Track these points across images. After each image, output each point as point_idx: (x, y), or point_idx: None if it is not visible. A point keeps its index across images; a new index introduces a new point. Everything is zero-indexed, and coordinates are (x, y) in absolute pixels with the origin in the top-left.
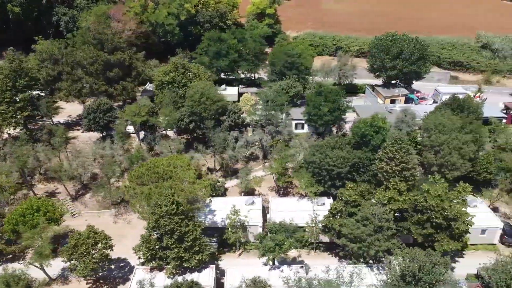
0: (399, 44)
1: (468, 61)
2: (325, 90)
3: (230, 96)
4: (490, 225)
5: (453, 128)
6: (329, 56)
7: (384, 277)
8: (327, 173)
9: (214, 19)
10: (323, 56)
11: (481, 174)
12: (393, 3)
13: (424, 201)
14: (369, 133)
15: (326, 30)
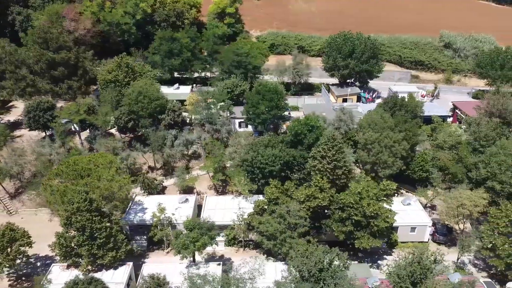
0: (351, 43)
1: (429, 61)
2: (263, 88)
3: (182, 95)
4: (420, 223)
5: (384, 126)
6: (291, 55)
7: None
8: (259, 171)
9: (170, 18)
10: (285, 55)
11: (416, 172)
12: (364, 2)
13: (344, 198)
14: (302, 131)
15: (292, 29)
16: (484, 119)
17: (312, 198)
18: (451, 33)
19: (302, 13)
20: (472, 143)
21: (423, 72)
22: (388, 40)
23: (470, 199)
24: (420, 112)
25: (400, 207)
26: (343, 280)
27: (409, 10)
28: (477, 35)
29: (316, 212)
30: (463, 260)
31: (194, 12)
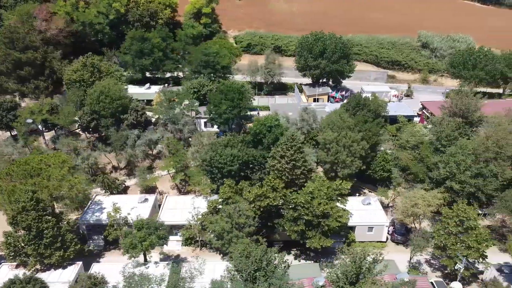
0: (322, 43)
1: (406, 61)
2: (225, 88)
3: (152, 95)
4: (377, 223)
5: (343, 126)
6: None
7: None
8: (218, 171)
9: (144, 18)
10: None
11: (377, 172)
12: (347, 3)
13: (296, 198)
14: (261, 131)
15: (271, 29)
16: (447, 119)
17: (263, 198)
18: (428, 33)
19: (283, 13)
20: (434, 143)
21: (400, 72)
22: (366, 40)
23: (424, 198)
24: (383, 112)
25: (359, 206)
26: (278, 280)
27: (393, 10)
28: (455, 35)
29: (269, 212)
30: (419, 260)
31: (168, 12)
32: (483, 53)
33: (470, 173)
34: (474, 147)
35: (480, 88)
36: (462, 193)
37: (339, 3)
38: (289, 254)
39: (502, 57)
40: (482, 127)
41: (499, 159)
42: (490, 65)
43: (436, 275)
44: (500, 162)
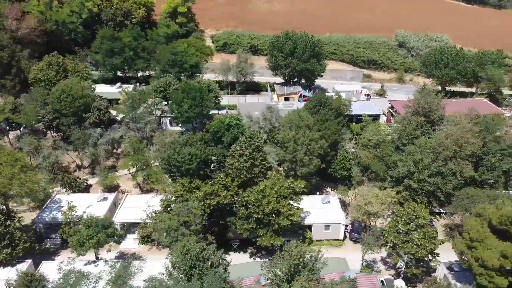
0: (292, 42)
1: (382, 60)
2: (186, 87)
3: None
4: (333, 221)
5: (301, 125)
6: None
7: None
8: (176, 170)
9: (117, 17)
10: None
11: (338, 170)
12: (328, 2)
13: (246, 196)
14: (220, 130)
15: (250, 28)
16: (408, 118)
17: (214, 196)
18: (405, 32)
19: (263, 12)
20: (396, 142)
21: (376, 71)
22: (343, 40)
23: (377, 197)
24: (346, 111)
25: (319, 205)
26: (211, 277)
27: (378, 10)
28: (432, 34)
29: (221, 210)
30: (375, 258)
31: (142, 12)
32: (455, 52)
33: (428, 171)
34: (433, 146)
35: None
36: (421, 192)
37: (320, 3)
38: (245, 253)
39: (474, 56)
40: (444, 126)
41: (458, 158)
42: (461, 64)
43: (389, 273)
44: (459, 161)
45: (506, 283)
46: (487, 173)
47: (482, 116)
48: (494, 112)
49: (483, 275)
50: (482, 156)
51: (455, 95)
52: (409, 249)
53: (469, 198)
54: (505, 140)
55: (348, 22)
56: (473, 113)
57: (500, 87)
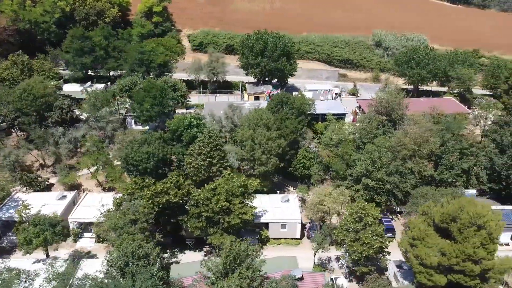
0: (263, 41)
1: (358, 59)
2: (147, 86)
3: None
4: (290, 220)
5: (259, 124)
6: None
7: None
8: (134, 168)
9: (90, 16)
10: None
11: (298, 169)
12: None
13: (197, 194)
14: (179, 129)
15: (229, 28)
16: (370, 117)
17: (164, 194)
18: (382, 32)
19: (244, 12)
20: (357, 141)
21: (352, 70)
22: (320, 39)
23: (330, 195)
24: (310, 110)
25: (278, 204)
26: (142, 275)
27: (359, 9)
28: (409, 34)
29: (172, 208)
30: (330, 256)
31: (115, 11)
32: (425, 51)
33: (385, 170)
34: (391, 144)
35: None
36: (380, 191)
37: (302, 2)
38: (201, 251)
39: (446, 56)
40: (404, 125)
41: (417, 157)
42: (432, 64)
43: (342, 271)
44: (417, 159)
45: (445, 281)
46: (446, 172)
47: (444, 115)
48: (459, 111)
49: (422, 273)
50: (441, 155)
51: (428, 94)
52: (356, 248)
53: (423, 197)
54: (467, 139)
55: (329, 21)
56: (435, 112)
57: (470, 87)
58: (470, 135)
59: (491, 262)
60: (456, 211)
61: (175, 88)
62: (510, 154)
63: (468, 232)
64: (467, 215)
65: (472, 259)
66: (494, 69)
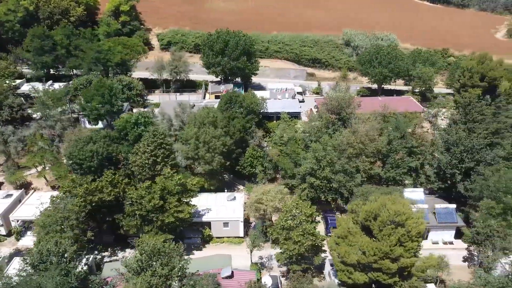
0: (223, 40)
1: (326, 59)
2: (96, 84)
3: None
4: (232, 218)
5: (205, 122)
6: (188, 52)
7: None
8: (79, 166)
9: (55, 15)
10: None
11: (246, 168)
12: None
13: (131, 193)
14: (125, 127)
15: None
16: (319, 115)
17: (98, 193)
18: (352, 31)
19: (219, 12)
20: (305, 139)
21: (321, 69)
22: (289, 38)
23: (268, 194)
24: (259, 109)
25: (223, 202)
26: (51, 272)
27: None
28: (379, 33)
29: (108, 207)
30: (271, 255)
31: (80, 10)
32: (387, 50)
33: (330, 169)
34: (338, 143)
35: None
36: (325, 189)
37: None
38: None
39: (409, 55)
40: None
41: (364, 155)
42: (394, 63)
43: (281, 270)
44: (363, 158)
45: (364, 279)
46: (392, 171)
47: (393, 114)
48: (414, 110)
49: (343, 271)
50: (387, 154)
51: (392, 93)
52: (288, 246)
53: (363, 195)
54: (417, 138)
55: (303, 20)
56: (386, 110)
57: (430, 86)
58: (421, 134)
59: (409, 260)
60: (378, 209)
61: (131, 87)
62: (454, 152)
63: (386, 230)
64: (386, 213)
65: (389, 257)
66: (455, 68)
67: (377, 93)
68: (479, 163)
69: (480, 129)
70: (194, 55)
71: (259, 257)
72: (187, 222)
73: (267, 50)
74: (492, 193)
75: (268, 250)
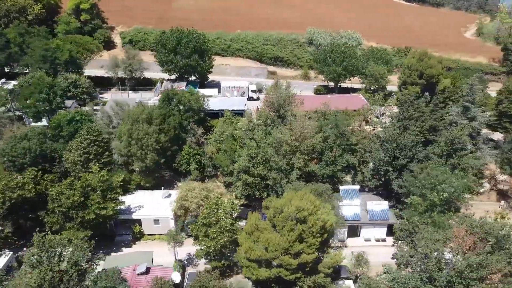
0: (175, 38)
1: (288, 57)
2: (35, 82)
3: None
4: (162, 215)
5: (138, 119)
6: (150, 50)
7: None
8: (11, 164)
9: (11, 13)
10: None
11: (182, 165)
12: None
13: (51, 190)
14: (59, 124)
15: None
16: (261, 113)
17: (18, 190)
18: (316, 29)
19: (186, 10)
20: (243, 136)
21: (284, 68)
22: (252, 37)
23: (193, 191)
24: (198, 106)
25: (158, 199)
26: None
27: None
28: (343, 32)
29: (30, 203)
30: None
31: (38, 8)
32: (341, 49)
33: (263, 166)
34: (273, 141)
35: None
36: (258, 186)
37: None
38: None
39: (366, 53)
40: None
41: (299, 153)
42: (348, 61)
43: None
44: (298, 155)
45: (267, 275)
46: (326, 168)
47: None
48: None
49: (247, 267)
50: (322, 151)
51: (348, 91)
52: (205, 243)
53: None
54: (356, 135)
55: (269, 19)
56: (326, 108)
57: (383, 84)
58: (360, 131)
59: (309, 256)
60: (284, 205)
61: (77, 84)
62: (387, 149)
63: (287, 225)
64: (289, 208)
65: (289, 253)
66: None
67: (334, 91)
68: (412, 160)
69: (413, 126)
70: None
71: (187, 254)
72: (111, 219)
73: (229, 48)
74: (419, 190)
75: (181, 247)
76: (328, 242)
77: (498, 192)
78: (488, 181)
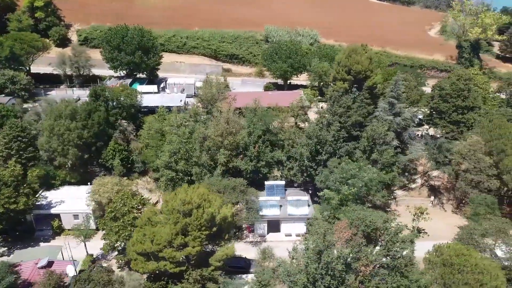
0: (120, 35)
1: (243, 54)
2: None
3: None
4: (81, 210)
5: (61, 114)
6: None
7: None
8: None
9: None
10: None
11: (108, 161)
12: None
13: None
14: None
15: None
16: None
17: None
18: (273, 27)
19: (148, 8)
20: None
21: (239, 65)
22: (209, 34)
23: (105, 185)
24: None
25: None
26: None
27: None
28: (301, 29)
29: None
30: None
31: None
32: (287, 46)
33: (185, 162)
34: (196, 136)
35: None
36: (181, 182)
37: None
38: None
39: (315, 50)
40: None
41: (223, 148)
42: (293, 58)
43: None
44: (222, 151)
45: (153, 268)
46: (249, 163)
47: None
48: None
49: (136, 260)
50: (246, 147)
51: (297, 88)
52: (110, 237)
53: (214, 186)
54: (284, 132)
55: (229, 17)
56: (257, 104)
57: (326, 80)
58: (286, 127)
59: (193, 249)
60: (172, 198)
61: (14, 81)
62: (308, 144)
63: (172, 218)
64: (175, 202)
65: (172, 246)
66: None
67: (283, 88)
68: (334, 156)
69: (337, 122)
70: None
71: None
72: (25, 213)
73: (185, 46)
74: (333, 184)
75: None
76: (223, 235)
77: (430, 188)
78: (421, 177)
